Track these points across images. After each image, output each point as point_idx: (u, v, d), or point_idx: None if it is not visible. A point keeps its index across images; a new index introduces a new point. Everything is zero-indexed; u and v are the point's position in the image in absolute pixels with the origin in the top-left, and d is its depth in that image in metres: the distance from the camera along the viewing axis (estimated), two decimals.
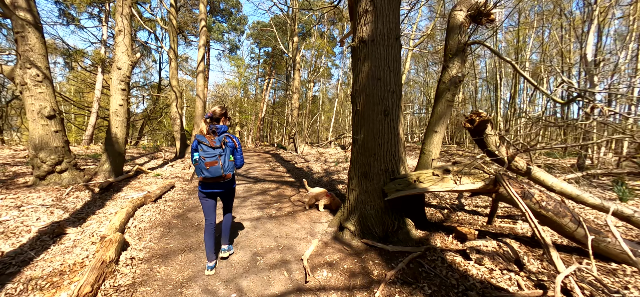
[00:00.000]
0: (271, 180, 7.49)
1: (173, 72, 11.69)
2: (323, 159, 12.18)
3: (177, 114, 11.61)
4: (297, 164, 10.83)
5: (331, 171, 9.18)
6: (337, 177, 7.99)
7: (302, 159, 12.22)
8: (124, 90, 6.65)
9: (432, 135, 3.87)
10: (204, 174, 2.53)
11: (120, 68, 6.56)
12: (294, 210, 4.84)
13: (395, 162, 3.49)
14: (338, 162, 10.56)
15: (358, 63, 3.55)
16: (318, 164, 10.74)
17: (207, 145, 2.52)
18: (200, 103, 11.75)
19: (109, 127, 6.63)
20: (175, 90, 11.68)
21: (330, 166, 10.27)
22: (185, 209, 4.83)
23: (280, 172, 8.88)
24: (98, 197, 5.27)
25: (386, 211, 3.43)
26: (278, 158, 12.86)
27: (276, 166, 10.48)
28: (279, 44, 22.83)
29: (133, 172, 7.12)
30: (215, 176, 2.53)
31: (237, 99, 28.32)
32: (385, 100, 3.42)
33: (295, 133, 14.28)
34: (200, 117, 11.87)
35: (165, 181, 6.78)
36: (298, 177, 8.04)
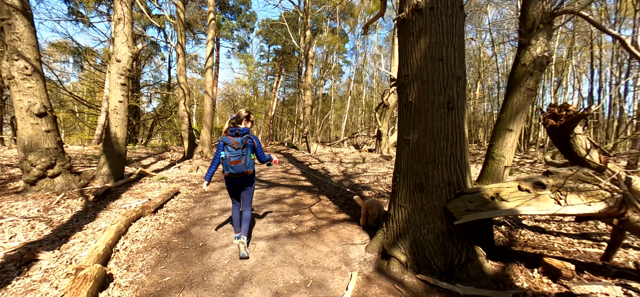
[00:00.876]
0: (286, 185, 6.66)
1: (181, 68, 11.01)
2: (338, 160, 11.31)
3: (185, 112, 10.93)
4: (312, 165, 9.98)
5: (349, 173, 8.29)
6: (359, 180, 7.10)
7: (316, 160, 11.38)
8: (124, 85, 5.92)
9: (505, 135, 2.94)
10: (229, 170, 2.84)
11: (119, 60, 5.83)
12: (318, 224, 3.99)
13: (460, 172, 2.59)
14: (355, 164, 9.67)
15: (410, 40, 2.66)
16: (334, 165, 9.87)
17: (231, 146, 2.81)
18: (208, 101, 11.03)
19: (107, 126, 5.92)
20: (183, 88, 10.99)
21: (348, 167, 9.38)
22: (188, 222, 4.03)
23: (295, 175, 8.05)
24: (91, 206, 4.54)
25: (450, 236, 2.53)
26: (290, 158, 12.05)
27: (289, 167, 9.66)
28: (290, 39, 22.02)
29: (135, 176, 6.41)
30: (239, 172, 2.84)
31: (246, 97, 27.69)
32: (449, 89, 2.52)
33: (307, 132, 13.44)
34: (209, 116, 11.16)
35: (169, 186, 6.03)
36: (315, 180, 7.19)
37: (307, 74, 13.32)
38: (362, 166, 9.53)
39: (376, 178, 7.44)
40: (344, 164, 10.27)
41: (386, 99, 13.13)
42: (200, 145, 11.03)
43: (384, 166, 9.76)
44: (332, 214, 4.47)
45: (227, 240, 3.40)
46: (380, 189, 6.14)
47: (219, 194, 5.63)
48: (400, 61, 2.81)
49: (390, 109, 13.34)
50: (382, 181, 7.07)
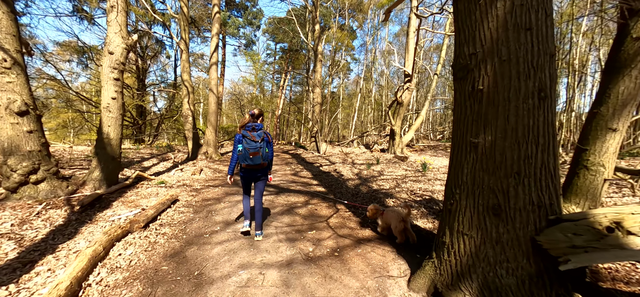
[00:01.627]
0: (297, 190, 5.94)
1: (184, 64, 10.40)
2: (350, 161, 10.55)
3: (189, 111, 10.32)
4: (323, 167, 9.26)
5: (365, 176, 7.53)
6: (377, 185, 6.34)
7: (327, 161, 10.64)
8: (118, 80, 5.28)
9: (606, 136, 2.15)
10: (247, 162, 3.05)
11: (112, 53, 5.19)
12: (339, 244, 3.25)
13: (554, 189, 1.81)
14: (370, 165, 8.90)
15: (479, 4, 1.89)
16: (346, 167, 9.11)
17: (250, 139, 3.03)
18: (213, 99, 10.40)
19: (100, 126, 5.29)
20: (187, 85, 10.38)
21: (362, 169, 8.62)
22: (185, 240, 3.34)
23: (306, 179, 7.33)
24: (75, 218, 3.89)
25: (540, 281, 1.76)
26: (299, 159, 11.34)
27: (299, 169, 8.95)
28: (298, 35, 21.30)
29: (131, 180, 5.78)
30: (256, 163, 3.07)
31: (253, 96, 27.13)
32: (539, 71, 1.75)
33: (317, 131, 12.72)
34: (214, 115, 10.53)
35: (167, 192, 5.38)
36: (329, 185, 6.45)
37: (316, 70, 12.58)
38: (377, 168, 8.76)
39: (395, 182, 6.66)
40: (356, 165, 9.51)
41: (400, 96, 12.30)
42: (204, 145, 10.41)
43: (399, 167, 8.97)
44: (355, 229, 3.72)
45: (229, 267, 2.70)
46: (404, 196, 5.36)
47: (222, 203, 4.94)
48: (461, 36, 2.04)
49: (404, 106, 12.51)
50: (403, 185, 6.29)
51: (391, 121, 12.54)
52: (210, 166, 8.93)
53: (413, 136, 13.65)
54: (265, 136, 3.14)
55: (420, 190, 5.85)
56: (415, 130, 13.26)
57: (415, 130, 13.30)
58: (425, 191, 5.71)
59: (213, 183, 6.57)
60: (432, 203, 4.77)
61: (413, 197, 5.24)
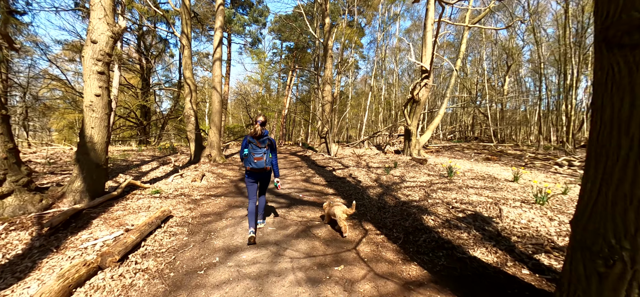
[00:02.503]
0: (312, 202, 5.06)
1: (187, 61, 9.61)
2: (364, 164, 9.63)
3: (192, 110, 9.53)
4: (336, 171, 8.36)
5: (385, 182, 6.61)
6: (403, 195, 5.40)
7: (339, 164, 9.74)
8: (103, 73, 4.46)
9: None
10: (252, 165, 3.22)
11: (95, 42, 4.37)
12: (381, 291, 2.35)
13: None
14: (388, 170, 7.97)
15: None
16: (361, 171, 8.20)
17: (255, 145, 3.23)
18: (217, 97, 9.59)
19: (82, 129, 4.48)
20: (190, 83, 9.59)
21: (380, 174, 7.69)
22: (171, 282, 2.48)
23: (320, 186, 6.45)
24: (40, 244, 3.08)
25: None
26: (309, 162, 10.47)
27: (310, 174, 8.07)
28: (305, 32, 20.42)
29: (121, 190, 4.96)
30: (260, 167, 3.24)
31: (258, 95, 26.37)
32: None
33: (327, 132, 11.82)
34: (218, 114, 9.72)
35: (161, 205, 4.55)
36: (347, 194, 5.55)
37: (327, 66, 11.67)
38: (396, 173, 7.82)
39: (424, 191, 5.72)
40: (373, 169, 8.58)
41: (417, 93, 11.32)
42: (208, 147, 9.61)
43: (420, 172, 8.02)
44: (396, 264, 2.81)
45: None
46: (442, 211, 4.43)
47: (223, 219, 4.08)
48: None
49: (421, 105, 11.52)
50: (434, 195, 5.35)
51: (407, 121, 11.57)
52: (213, 171, 8.11)
53: (430, 137, 12.67)
54: (270, 142, 3.34)
55: (456, 201, 4.90)
56: (433, 130, 12.26)
57: (432, 131, 12.29)
58: (463, 203, 4.76)
59: (215, 192, 5.73)
60: (482, 222, 3.83)
61: (453, 213, 4.30)
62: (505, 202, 4.60)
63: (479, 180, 6.71)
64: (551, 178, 7.35)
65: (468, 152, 14.74)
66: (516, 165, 10.31)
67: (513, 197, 4.95)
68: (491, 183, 6.20)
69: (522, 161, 10.89)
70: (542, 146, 15.15)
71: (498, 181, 6.55)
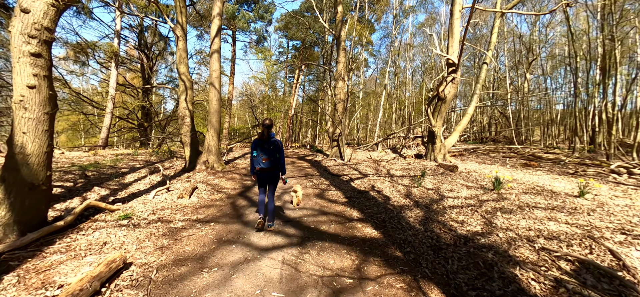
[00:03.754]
0: (333, 234, 3.61)
1: (181, 54, 8.29)
2: (384, 171, 8.15)
3: (187, 110, 8.20)
4: (354, 182, 6.90)
5: (421, 199, 5.12)
6: (458, 223, 3.91)
7: (355, 171, 8.27)
8: (39, 56, 3.09)
9: None
10: (261, 165, 3.44)
11: (27, 10, 3.01)
12: None
13: None
14: (418, 181, 6.49)
15: None
16: (384, 182, 6.73)
17: (263, 147, 3.44)
18: (215, 95, 8.24)
19: (10, 136, 3.13)
20: (185, 79, 8.27)
21: (408, 186, 6.21)
22: None
23: (339, 205, 5.00)
24: None
25: None
26: (321, 169, 9.02)
27: (324, 186, 6.63)
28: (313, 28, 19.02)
29: (74, 216, 3.60)
30: (268, 167, 3.46)
31: (264, 96, 25.08)
32: None
33: (340, 134, 10.37)
34: (216, 115, 8.37)
35: (121, 243, 3.17)
36: (378, 220, 4.08)
37: (339, 60, 10.22)
38: (428, 184, 6.33)
39: (479, 215, 4.22)
40: (397, 179, 7.10)
41: (442, 90, 9.79)
42: (205, 153, 8.26)
43: (455, 182, 6.51)
44: None
45: None
46: (530, 256, 2.92)
47: (206, 271, 2.66)
48: None
49: (447, 103, 9.98)
50: (497, 222, 3.85)
51: (430, 121, 10.04)
52: (209, 182, 6.75)
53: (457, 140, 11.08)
54: (277, 144, 3.49)
55: (535, 234, 3.39)
56: (460, 132, 10.70)
57: (460, 133, 10.73)
58: (547, 238, 3.25)
59: (204, 215, 4.35)
60: (608, 283, 2.32)
61: (549, 259, 2.80)
62: (600, 234, 3.15)
63: (534, 195, 5.23)
64: (620, 191, 5.77)
65: (495, 156, 13.10)
66: (562, 172, 8.69)
67: (605, 224, 3.46)
68: (553, 199, 4.72)
69: (567, 168, 9.23)
70: (577, 149, 13.39)
71: (559, 196, 5.08)
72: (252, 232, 3.63)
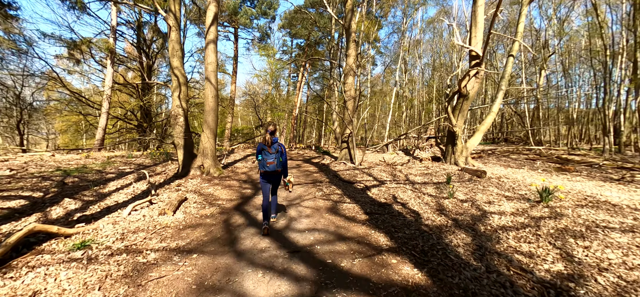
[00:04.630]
0: (361, 280, 2.58)
1: (174, 46, 7.33)
2: (402, 177, 7.09)
3: (180, 109, 7.24)
4: (371, 191, 5.85)
5: (458, 216, 4.06)
6: (526, 255, 2.83)
7: (370, 178, 7.22)
8: None
9: None
10: (265, 168, 3.57)
11: None
12: None
13: None
14: (450, 190, 5.41)
15: None
16: (407, 191, 5.67)
17: (267, 151, 3.57)
18: (211, 91, 7.26)
19: None
20: (178, 74, 7.31)
21: (437, 198, 5.14)
22: None
23: (359, 224, 3.94)
24: None
25: None
26: (330, 174, 7.98)
27: (337, 196, 5.57)
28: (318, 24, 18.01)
29: (3, 251, 2.62)
30: (272, 170, 3.59)
31: (267, 95, 24.13)
32: None
33: (350, 134, 9.33)
34: (212, 114, 7.39)
35: (60, 290, 2.19)
36: (410, 244, 3.03)
37: (349, 53, 9.18)
38: (459, 195, 5.26)
39: (548, 243, 3.15)
40: (419, 186, 6.05)
41: (464, 85, 8.69)
42: (199, 156, 7.29)
43: (488, 191, 5.44)
44: None
45: None
46: None
47: None
48: None
49: (469, 99, 8.88)
50: (577, 254, 2.79)
51: (451, 120, 8.95)
52: (202, 190, 5.75)
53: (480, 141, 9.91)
54: (279, 148, 3.64)
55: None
56: (484, 132, 9.58)
57: (484, 133, 9.62)
58: None
59: (188, 240, 3.34)
60: None
61: None
62: None
63: (592, 209, 4.20)
64: None
65: (515, 157, 11.93)
66: (604, 178, 7.54)
67: None
68: (619, 215, 3.68)
69: (607, 173, 8.06)
70: (606, 151, 12.16)
71: (622, 210, 4.05)
72: (248, 270, 2.63)
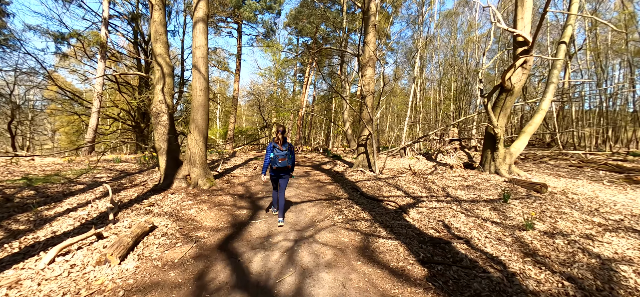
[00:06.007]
0: None
1: (157, 29, 5.88)
2: (439, 189, 5.47)
3: (163, 105, 5.78)
4: (409, 213, 4.25)
5: (567, 267, 2.46)
6: None
7: (398, 190, 5.61)
8: None
9: None
10: (277, 165, 3.81)
11: None
12: None
13: None
14: (526, 218, 3.79)
15: None
16: (459, 216, 4.06)
17: (278, 149, 3.82)
18: (200, 82, 5.76)
19: None
20: (162, 62, 5.86)
21: (505, 222, 3.53)
22: None
23: (419, 290, 2.38)
24: None
25: None
26: (347, 186, 6.36)
27: (365, 225, 3.97)
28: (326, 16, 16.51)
29: None
30: (283, 166, 3.84)
31: (272, 96, 22.69)
32: None
33: (368, 136, 7.75)
34: (201, 111, 5.89)
35: None
36: None
37: (368, 40, 7.60)
38: (539, 224, 3.63)
39: None
40: (467, 206, 4.43)
41: (508, 77, 7.04)
42: (185, 164, 5.79)
43: (566, 216, 3.82)
44: None
45: None
46: None
47: None
48: None
49: (514, 95, 7.23)
50: None
51: (491, 120, 7.29)
52: (182, 212, 4.23)
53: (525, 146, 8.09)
54: (289, 146, 3.90)
55: None
56: (531, 135, 7.89)
57: (531, 135, 7.92)
58: None
59: None
60: None
61: None
62: None
63: None
64: None
65: (554, 163, 10.18)
66: None
67: None
68: None
69: None
70: None
71: None
72: None
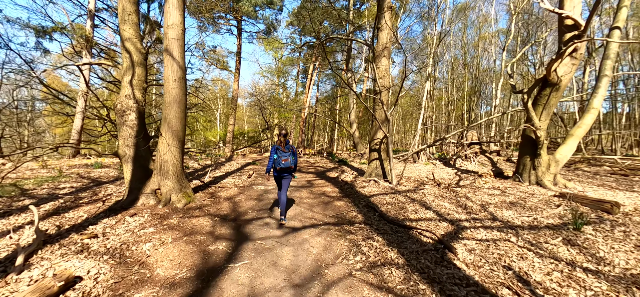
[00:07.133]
0: None
1: (124, 7, 4.67)
2: (477, 208, 4.15)
3: (131, 101, 4.56)
4: (458, 258, 2.93)
5: None
6: None
7: (428, 211, 4.28)
8: None
9: None
10: (281, 165, 3.88)
11: None
12: None
13: None
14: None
15: None
16: (528, 254, 2.73)
17: (282, 151, 3.92)
18: (174, 70, 4.52)
19: None
20: (131, 49, 4.67)
21: (605, 271, 2.19)
22: None
23: None
24: None
25: None
26: (362, 205, 5.02)
27: (401, 281, 2.68)
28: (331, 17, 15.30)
29: None
30: (286, 167, 3.90)
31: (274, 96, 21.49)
32: None
33: (383, 139, 6.47)
34: (176, 106, 4.62)
35: None
36: None
37: (382, 25, 6.33)
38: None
39: None
40: (528, 236, 3.10)
41: (554, 69, 5.70)
42: (156, 174, 4.53)
43: None
44: None
45: None
46: None
47: None
48: None
49: (561, 89, 5.89)
50: None
51: (532, 120, 5.95)
52: (132, 251, 2.97)
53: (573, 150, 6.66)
54: (292, 148, 4.01)
55: None
56: (581, 138, 6.52)
57: (581, 138, 6.56)
58: None
59: None
60: None
61: None
62: None
63: None
64: None
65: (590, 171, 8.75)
66: None
67: None
68: None
69: None
70: None
71: None
72: None
